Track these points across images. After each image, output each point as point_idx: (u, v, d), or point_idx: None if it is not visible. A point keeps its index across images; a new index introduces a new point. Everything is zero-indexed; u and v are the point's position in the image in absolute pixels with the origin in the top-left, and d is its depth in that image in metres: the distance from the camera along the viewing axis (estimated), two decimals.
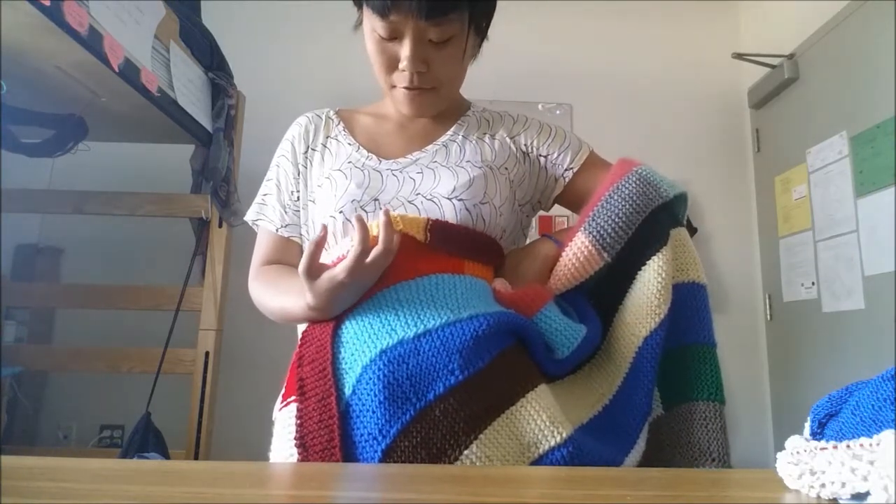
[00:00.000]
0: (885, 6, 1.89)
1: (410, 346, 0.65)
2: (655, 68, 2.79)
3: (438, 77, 0.83)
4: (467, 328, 0.66)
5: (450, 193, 0.81)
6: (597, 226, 0.78)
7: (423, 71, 0.81)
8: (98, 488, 0.41)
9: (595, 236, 0.78)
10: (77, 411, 2.33)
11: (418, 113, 0.89)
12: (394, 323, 0.67)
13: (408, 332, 0.66)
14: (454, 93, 0.93)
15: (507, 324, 0.69)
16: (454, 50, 0.82)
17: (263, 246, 0.92)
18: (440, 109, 0.91)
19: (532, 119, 0.97)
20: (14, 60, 1.41)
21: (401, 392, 0.63)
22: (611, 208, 0.78)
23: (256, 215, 0.94)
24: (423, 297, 0.70)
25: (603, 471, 0.59)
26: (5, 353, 1.96)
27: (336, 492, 0.44)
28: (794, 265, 2.36)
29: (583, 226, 0.79)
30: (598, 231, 0.78)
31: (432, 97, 0.86)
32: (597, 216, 0.79)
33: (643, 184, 0.80)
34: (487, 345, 0.66)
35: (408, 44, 0.78)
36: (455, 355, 0.64)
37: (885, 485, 0.32)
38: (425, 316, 0.67)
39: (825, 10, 2.18)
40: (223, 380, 2.01)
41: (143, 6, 1.58)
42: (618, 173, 0.82)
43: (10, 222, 2.06)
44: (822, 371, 2.17)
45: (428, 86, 0.84)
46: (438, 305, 0.69)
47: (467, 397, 0.63)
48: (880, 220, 1.89)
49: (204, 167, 1.95)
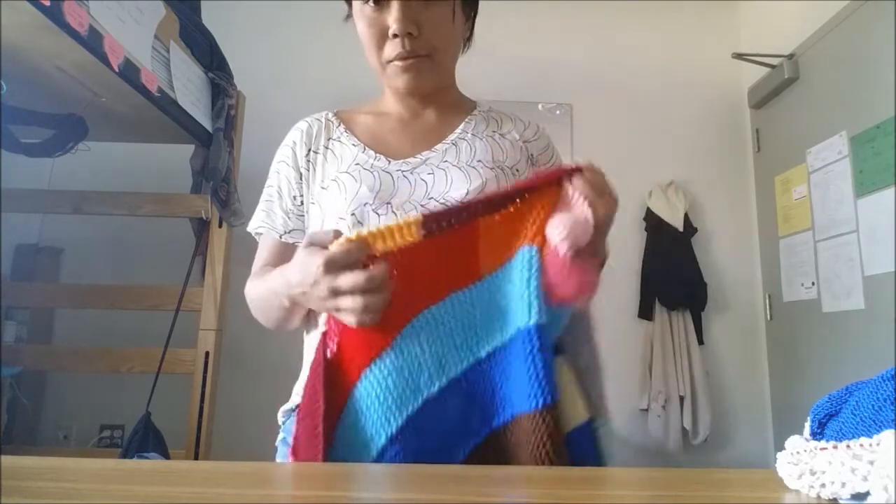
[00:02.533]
0: (885, 6, 1.89)
1: (434, 406, 0.62)
2: (655, 68, 2.79)
3: (431, 42, 0.82)
4: (487, 373, 0.63)
5: (463, 197, 0.80)
6: None
7: (413, 34, 0.80)
8: (98, 488, 0.41)
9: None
10: (77, 411, 2.33)
11: (413, 84, 0.85)
12: (417, 375, 0.63)
13: (432, 388, 0.62)
14: (448, 65, 0.90)
15: (522, 349, 0.62)
16: (443, 10, 0.81)
17: (265, 253, 0.91)
18: (436, 82, 0.88)
19: (542, 130, 0.96)
20: (14, 60, 1.41)
21: (426, 458, 0.60)
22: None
23: (259, 224, 0.92)
24: (440, 332, 0.64)
25: (603, 471, 0.59)
26: (5, 353, 1.96)
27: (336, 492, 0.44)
28: (794, 265, 2.36)
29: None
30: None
31: (427, 65, 0.84)
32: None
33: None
34: (504, 400, 0.63)
35: (395, 5, 0.79)
36: (476, 411, 0.62)
37: (885, 485, 0.32)
38: (446, 360, 0.63)
39: (825, 10, 2.18)
40: (223, 380, 2.01)
41: (143, 6, 1.58)
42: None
43: (10, 222, 2.06)
44: (822, 371, 2.17)
45: (422, 52, 0.82)
46: (458, 340, 0.64)
47: (486, 456, 0.62)
48: (880, 220, 1.88)
49: (204, 167, 1.94)
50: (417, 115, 0.93)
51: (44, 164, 2.13)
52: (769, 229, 2.55)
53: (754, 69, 2.58)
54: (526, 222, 0.66)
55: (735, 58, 2.59)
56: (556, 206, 0.66)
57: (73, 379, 2.36)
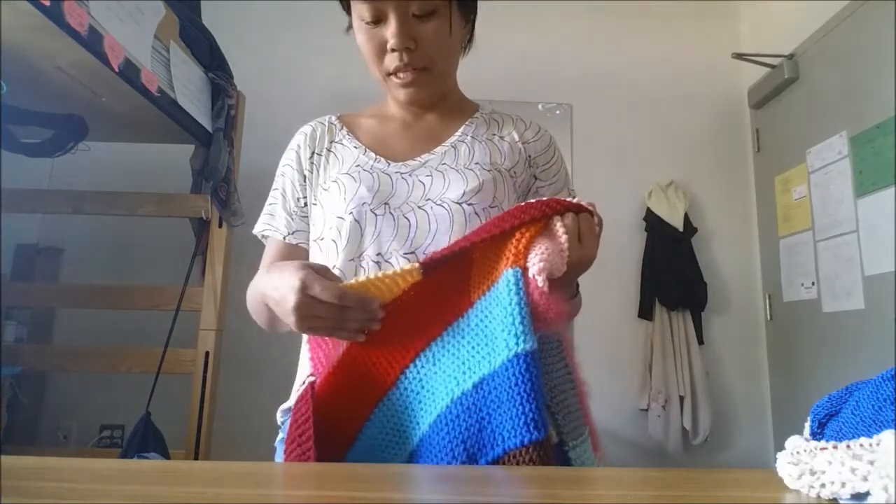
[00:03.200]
0: (885, 6, 1.89)
1: (426, 447, 0.62)
2: (655, 68, 2.79)
3: (429, 54, 0.83)
4: (474, 405, 0.60)
5: (459, 198, 0.81)
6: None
7: (411, 48, 0.81)
8: (98, 488, 0.41)
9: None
10: (77, 411, 2.33)
11: (415, 97, 0.87)
12: (411, 425, 0.64)
13: (424, 428, 0.62)
14: (448, 74, 0.92)
15: (503, 385, 0.60)
16: (440, 23, 0.82)
17: (269, 255, 0.92)
18: (436, 92, 0.90)
19: (544, 132, 0.96)
20: (14, 60, 1.41)
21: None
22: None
23: (263, 227, 0.93)
24: (437, 368, 0.64)
25: (603, 471, 0.59)
26: (5, 353, 1.96)
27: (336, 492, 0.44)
28: (794, 265, 2.36)
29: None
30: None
31: (426, 78, 0.85)
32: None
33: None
34: (494, 435, 0.60)
35: (392, 21, 0.80)
36: (459, 448, 0.60)
37: (885, 485, 0.32)
38: (439, 397, 0.63)
39: (825, 10, 2.18)
40: (223, 380, 2.01)
41: (143, 6, 1.58)
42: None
43: (10, 222, 2.06)
44: (822, 371, 2.17)
45: (419, 65, 0.83)
46: (448, 374, 0.63)
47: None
48: (880, 220, 1.88)
49: (204, 167, 1.94)
50: (419, 119, 0.94)
51: (44, 164, 2.13)
52: (769, 229, 2.55)
53: (754, 69, 2.58)
54: (511, 245, 0.65)
55: (735, 58, 2.59)
56: (539, 232, 0.65)
57: (73, 379, 2.36)
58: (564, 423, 0.64)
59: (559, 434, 0.63)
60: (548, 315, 0.62)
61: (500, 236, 0.65)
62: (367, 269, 0.80)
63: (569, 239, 0.64)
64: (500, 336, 0.61)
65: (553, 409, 0.63)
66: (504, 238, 0.65)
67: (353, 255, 0.81)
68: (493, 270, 0.65)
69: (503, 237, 0.65)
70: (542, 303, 0.62)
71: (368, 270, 0.80)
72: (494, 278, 0.65)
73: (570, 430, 0.64)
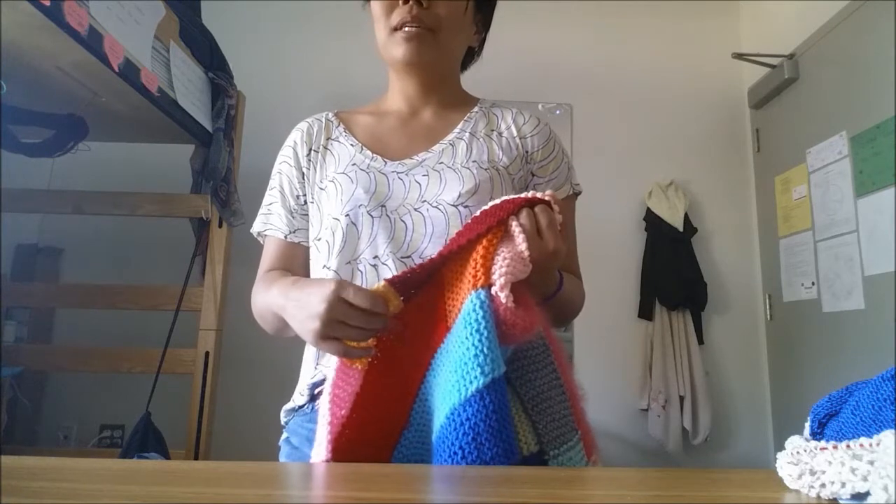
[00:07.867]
0: (885, 6, 1.89)
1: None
2: (655, 68, 2.79)
3: (439, 15, 0.83)
4: (446, 439, 0.57)
5: (455, 200, 0.80)
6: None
7: (422, 3, 0.82)
8: (98, 488, 0.41)
9: None
10: (77, 411, 2.33)
11: (414, 55, 0.85)
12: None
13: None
14: (451, 51, 0.91)
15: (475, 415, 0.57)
16: None
17: (270, 254, 0.91)
18: (435, 63, 0.89)
19: (543, 126, 0.94)
20: (14, 60, 1.41)
21: None
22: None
23: (262, 226, 0.92)
24: (428, 409, 0.62)
25: (603, 471, 0.59)
26: (5, 353, 1.96)
27: (336, 492, 0.44)
28: (794, 265, 2.36)
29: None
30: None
31: (430, 39, 0.84)
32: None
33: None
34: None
35: None
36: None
37: (885, 485, 0.32)
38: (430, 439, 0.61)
39: (825, 10, 2.18)
40: (223, 380, 2.01)
41: (143, 6, 1.58)
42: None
43: (10, 222, 2.06)
44: (822, 371, 2.17)
45: (427, 22, 0.83)
46: (431, 408, 0.62)
47: None
48: (880, 220, 1.88)
49: (204, 167, 1.95)
50: (417, 113, 0.93)
51: (44, 164, 2.13)
52: (769, 229, 2.55)
53: (754, 69, 2.58)
54: (472, 261, 0.61)
55: (735, 58, 2.59)
56: (499, 239, 0.61)
57: (73, 379, 2.36)
58: (546, 431, 0.62)
59: (538, 443, 0.61)
60: (514, 331, 0.59)
61: (460, 251, 0.62)
62: (364, 271, 0.79)
63: (526, 238, 0.61)
64: (466, 366, 0.57)
65: (534, 418, 0.62)
66: (466, 253, 0.62)
67: (350, 257, 0.81)
68: (461, 291, 0.62)
69: (463, 252, 0.62)
70: (509, 318, 0.58)
71: (366, 272, 0.79)
72: (462, 300, 0.61)
73: (553, 437, 0.62)
